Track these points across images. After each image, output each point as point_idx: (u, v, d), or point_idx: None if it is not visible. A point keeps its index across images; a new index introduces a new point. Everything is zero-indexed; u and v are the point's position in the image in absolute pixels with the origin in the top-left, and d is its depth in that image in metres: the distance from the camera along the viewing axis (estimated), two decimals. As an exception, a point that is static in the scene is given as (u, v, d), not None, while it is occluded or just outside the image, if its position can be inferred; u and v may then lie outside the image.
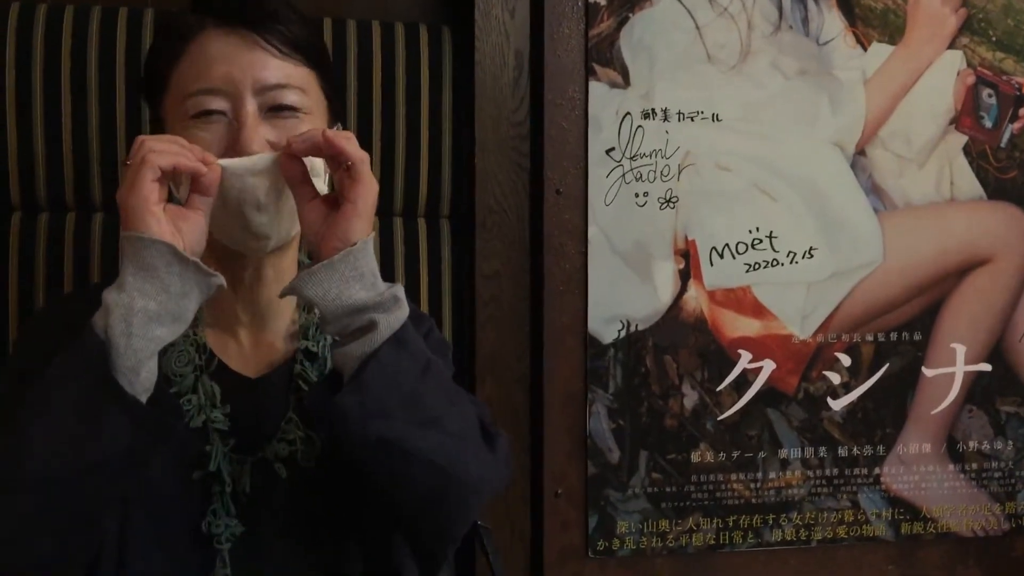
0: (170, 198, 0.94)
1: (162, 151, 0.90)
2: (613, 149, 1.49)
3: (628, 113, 1.49)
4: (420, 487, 0.95)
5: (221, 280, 0.92)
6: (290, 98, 0.99)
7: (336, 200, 0.96)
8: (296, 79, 1.00)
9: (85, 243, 1.36)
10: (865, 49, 1.55)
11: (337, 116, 1.10)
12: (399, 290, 0.96)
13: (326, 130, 0.95)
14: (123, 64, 1.35)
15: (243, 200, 0.96)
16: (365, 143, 1.40)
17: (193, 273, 0.90)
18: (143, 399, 0.88)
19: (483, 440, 1.01)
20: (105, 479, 0.87)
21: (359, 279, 0.93)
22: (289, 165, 0.95)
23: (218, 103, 0.97)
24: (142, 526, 0.97)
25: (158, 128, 1.03)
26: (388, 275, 1.42)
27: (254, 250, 1.01)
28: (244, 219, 0.97)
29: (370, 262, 0.94)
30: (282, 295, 0.98)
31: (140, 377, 0.87)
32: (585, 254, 1.49)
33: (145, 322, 0.87)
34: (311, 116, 1.01)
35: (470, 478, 0.97)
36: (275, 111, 0.99)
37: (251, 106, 0.97)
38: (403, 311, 0.95)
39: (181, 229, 0.91)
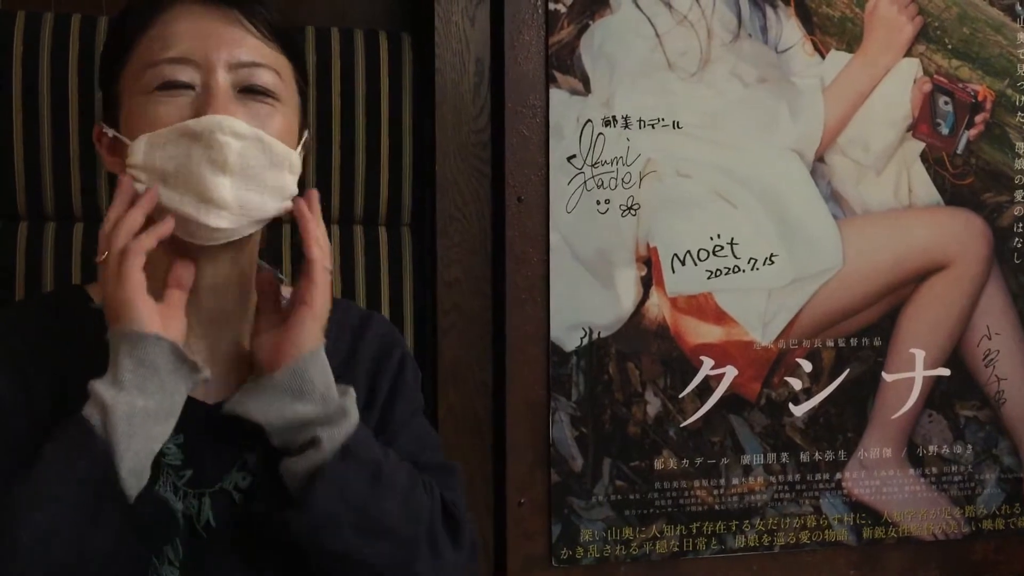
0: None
1: (140, 236, 0.87)
2: (574, 156, 1.49)
3: (589, 120, 1.49)
4: None
5: (207, 374, 0.90)
6: (265, 78, 0.93)
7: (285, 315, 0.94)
8: (273, 61, 0.94)
9: (65, 253, 1.34)
10: (823, 57, 1.56)
11: (305, 118, 1.02)
12: (349, 400, 0.93)
13: (305, 207, 0.93)
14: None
15: (206, 160, 0.88)
16: (325, 150, 1.41)
17: (188, 371, 0.88)
18: (133, 495, 0.85)
19: (447, 533, 0.98)
20: None
21: (308, 394, 0.90)
22: (261, 279, 0.94)
23: (187, 74, 0.90)
24: None
25: (112, 110, 0.95)
26: (349, 283, 1.43)
27: (208, 235, 0.90)
28: (201, 184, 0.88)
29: (320, 374, 0.91)
30: (224, 411, 0.92)
31: (141, 480, 0.85)
32: (547, 261, 1.48)
33: (144, 420, 0.85)
34: (284, 106, 0.95)
35: None
36: (248, 92, 0.92)
37: (224, 80, 0.90)
38: (351, 422, 0.92)
39: (168, 328, 0.87)
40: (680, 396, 1.54)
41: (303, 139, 1.00)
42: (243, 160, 0.89)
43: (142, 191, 0.89)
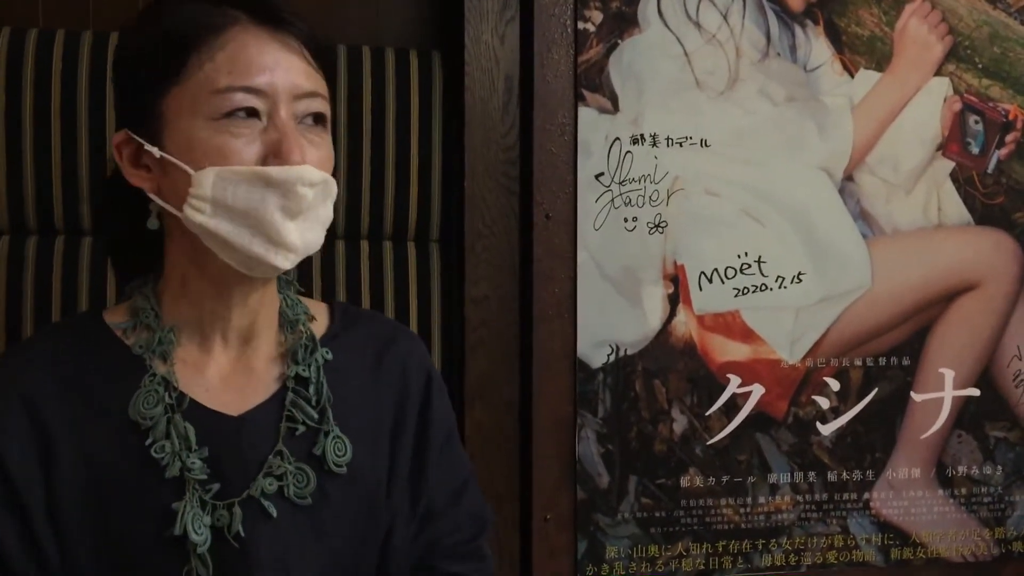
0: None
1: None
2: (602, 174, 1.49)
3: (617, 138, 1.49)
4: None
5: None
6: (320, 107, 0.94)
7: None
8: (321, 87, 0.94)
9: (73, 266, 1.36)
10: (852, 76, 1.56)
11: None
12: None
13: None
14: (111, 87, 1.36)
15: (280, 208, 0.89)
16: (355, 167, 1.42)
17: None
18: None
19: None
20: None
21: None
22: None
23: (259, 103, 0.90)
24: None
25: (148, 123, 0.92)
26: (378, 299, 1.44)
27: (268, 272, 0.93)
28: (273, 229, 0.89)
29: None
30: None
31: None
32: (574, 279, 1.49)
33: None
34: (328, 133, 0.96)
35: None
36: (305, 121, 0.93)
37: (287, 112, 0.91)
38: None
39: None
40: (707, 414, 1.54)
41: None
42: (311, 205, 0.91)
43: (200, 221, 0.90)
